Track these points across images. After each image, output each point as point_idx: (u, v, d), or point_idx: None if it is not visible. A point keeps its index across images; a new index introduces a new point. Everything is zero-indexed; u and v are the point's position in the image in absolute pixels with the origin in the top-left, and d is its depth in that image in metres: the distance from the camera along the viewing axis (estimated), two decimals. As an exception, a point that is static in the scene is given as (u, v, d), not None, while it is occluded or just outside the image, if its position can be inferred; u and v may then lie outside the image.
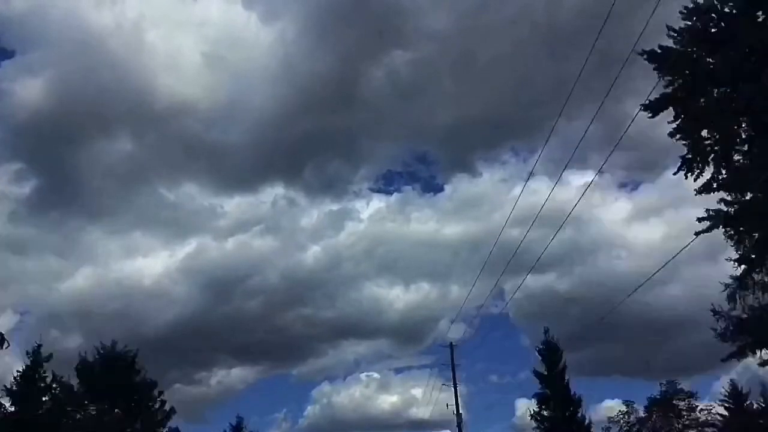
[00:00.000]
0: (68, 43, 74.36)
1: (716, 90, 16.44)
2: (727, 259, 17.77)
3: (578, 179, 54.59)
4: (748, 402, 37.28)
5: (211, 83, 78.99)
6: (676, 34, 16.30)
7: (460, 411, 36.58)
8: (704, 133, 16.87)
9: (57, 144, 76.73)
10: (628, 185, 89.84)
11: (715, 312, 20.00)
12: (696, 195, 17.24)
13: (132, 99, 74.46)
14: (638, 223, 77.56)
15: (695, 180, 17.13)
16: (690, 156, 17.02)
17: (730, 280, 18.30)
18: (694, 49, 16.34)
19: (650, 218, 79.73)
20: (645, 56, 16.21)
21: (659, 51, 16.25)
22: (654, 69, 16.38)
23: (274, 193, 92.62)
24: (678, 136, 16.94)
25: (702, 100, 16.56)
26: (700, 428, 38.82)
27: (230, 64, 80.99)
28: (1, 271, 61.55)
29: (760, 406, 36.39)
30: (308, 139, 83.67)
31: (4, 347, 19.38)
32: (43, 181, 78.10)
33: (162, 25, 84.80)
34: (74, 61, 73.42)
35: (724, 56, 15.55)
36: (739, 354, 19.50)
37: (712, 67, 16.08)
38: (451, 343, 40.43)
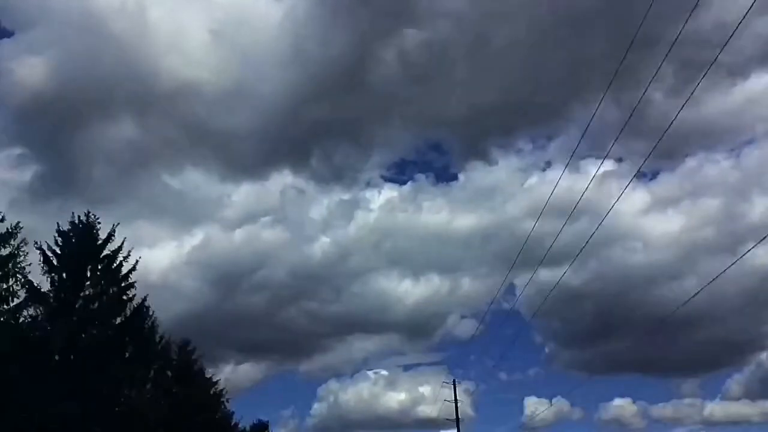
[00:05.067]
0: (69, 21, 73.37)
1: None
2: None
3: (596, 168, 52.94)
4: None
5: (218, 64, 77.88)
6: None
7: (470, 411, 37.04)
8: None
9: (58, 128, 76.36)
10: (647, 174, 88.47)
11: None
12: None
13: (135, 81, 73.73)
14: (655, 214, 76.17)
15: None
16: None
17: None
18: None
19: (668, 209, 78.36)
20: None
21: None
22: None
23: (282, 181, 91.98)
24: None
25: None
26: None
27: (238, 44, 79.36)
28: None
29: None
30: (318, 124, 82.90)
31: None
32: (44, 167, 76.82)
33: (166, 1, 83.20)
34: (75, 40, 72.45)
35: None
36: None
37: None
38: (454, 380, 41.68)
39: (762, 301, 56.53)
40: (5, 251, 20.18)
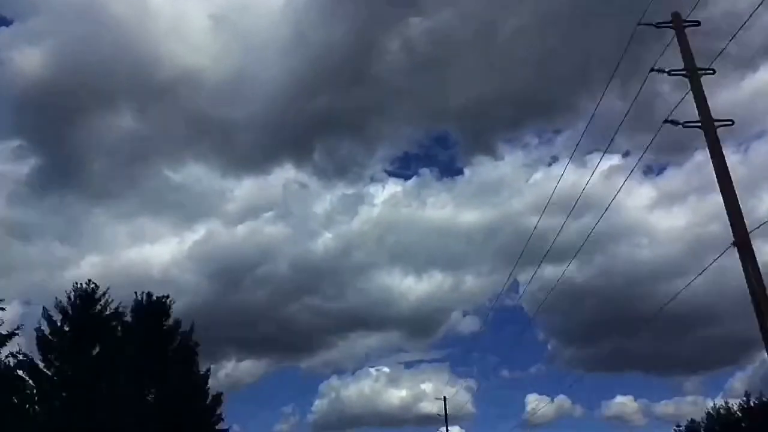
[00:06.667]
0: (68, 10, 72.64)
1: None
2: None
3: (603, 163, 52.31)
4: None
5: (219, 51, 76.21)
6: None
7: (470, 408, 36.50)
8: None
9: (57, 118, 74.99)
10: (654, 169, 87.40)
11: None
12: None
13: (136, 69, 72.01)
14: (662, 210, 75.46)
15: None
16: None
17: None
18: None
19: (674, 204, 77.67)
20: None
21: None
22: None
23: (285, 175, 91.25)
24: None
25: None
26: None
27: (239, 30, 77.82)
28: (4, 257, 59.96)
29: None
30: (321, 117, 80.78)
31: None
32: (44, 160, 76.64)
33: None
34: (75, 27, 71.36)
35: None
36: None
37: None
38: (444, 396, 42.63)
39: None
40: None
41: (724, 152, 11.50)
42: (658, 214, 75.68)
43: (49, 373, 26.86)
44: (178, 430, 28.07)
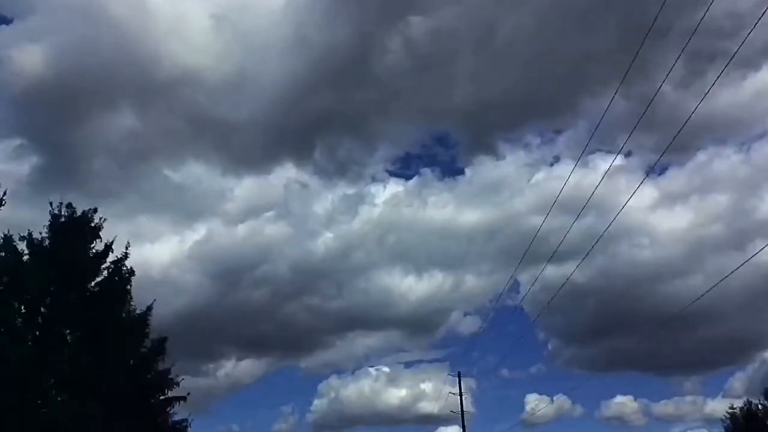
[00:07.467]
0: (68, 7, 70.56)
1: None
2: None
3: (606, 163, 52.27)
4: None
5: (219, 51, 74.56)
6: None
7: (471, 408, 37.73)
8: None
9: (58, 117, 72.91)
10: (655, 169, 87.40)
11: None
12: None
13: (136, 68, 70.53)
14: (663, 210, 75.48)
15: None
16: None
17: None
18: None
19: (676, 205, 77.33)
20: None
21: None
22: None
23: (285, 175, 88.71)
24: None
25: None
26: None
27: (239, 30, 76.40)
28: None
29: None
30: (321, 116, 78.96)
31: None
32: (44, 159, 73.56)
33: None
34: (75, 27, 69.49)
35: None
36: None
37: None
38: (459, 373, 43.21)
39: (767, 298, 55.98)
40: None
41: (725, 151, 11.52)
42: (659, 215, 75.85)
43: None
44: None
